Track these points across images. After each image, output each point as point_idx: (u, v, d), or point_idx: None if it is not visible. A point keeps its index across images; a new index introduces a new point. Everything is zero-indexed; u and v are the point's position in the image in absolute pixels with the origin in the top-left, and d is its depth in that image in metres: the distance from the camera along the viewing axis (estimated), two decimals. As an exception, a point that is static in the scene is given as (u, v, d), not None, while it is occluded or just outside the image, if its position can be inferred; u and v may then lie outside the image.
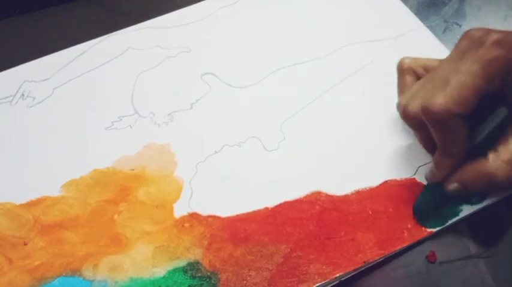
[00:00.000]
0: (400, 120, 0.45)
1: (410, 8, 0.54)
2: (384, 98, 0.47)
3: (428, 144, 0.41)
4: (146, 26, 0.54)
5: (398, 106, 0.41)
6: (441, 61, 0.40)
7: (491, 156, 0.37)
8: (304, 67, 0.50)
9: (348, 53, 0.51)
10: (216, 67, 0.50)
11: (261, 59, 0.51)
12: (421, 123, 0.39)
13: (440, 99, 0.36)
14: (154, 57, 0.51)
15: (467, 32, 0.38)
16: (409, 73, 0.42)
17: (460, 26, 0.53)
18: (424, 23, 0.52)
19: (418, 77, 0.42)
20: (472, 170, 0.38)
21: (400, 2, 0.54)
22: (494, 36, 0.36)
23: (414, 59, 0.43)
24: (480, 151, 0.38)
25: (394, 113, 0.46)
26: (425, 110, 0.37)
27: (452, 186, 0.39)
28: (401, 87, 0.43)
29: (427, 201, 0.41)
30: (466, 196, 0.40)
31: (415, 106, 0.38)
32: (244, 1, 0.55)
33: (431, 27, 0.52)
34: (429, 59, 0.43)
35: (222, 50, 0.52)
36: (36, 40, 0.54)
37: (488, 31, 0.37)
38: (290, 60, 0.50)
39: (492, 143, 0.38)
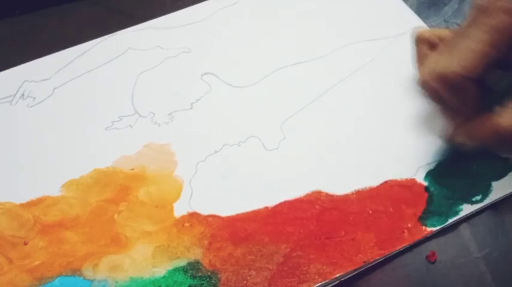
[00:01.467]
0: (401, 120, 0.45)
1: (411, 7, 0.54)
2: (385, 97, 0.47)
3: (448, 114, 0.42)
4: (146, 26, 0.54)
5: (416, 79, 0.42)
6: (455, 31, 0.41)
7: (497, 108, 0.39)
8: (305, 67, 0.50)
9: (348, 53, 0.51)
10: (216, 67, 0.50)
11: (261, 58, 0.51)
12: (438, 93, 0.40)
13: (454, 65, 0.38)
14: (155, 57, 0.51)
15: (475, 2, 0.39)
16: (425, 43, 0.44)
17: (460, 26, 0.53)
18: (424, 23, 0.52)
19: (433, 47, 0.43)
20: (478, 121, 0.39)
21: (401, 1, 0.54)
22: (502, 4, 0.37)
23: (429, 30, 0.44)
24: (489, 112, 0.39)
25: (395, 113, 0.46)
26: (436, 76, 0.39)
27: (460, 138, 0.41)
28: (418, 58, 0.44)
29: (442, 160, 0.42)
30: (473, 149, 0.41)
31: (427, 75, 0.40)
32: (245, 2, 0.55)
33: (431, 27, 0.52)
34: (443, 30, 0.44)
35: (222, 50, 0.52)
36: (36, 40, 0.54)
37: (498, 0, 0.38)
38: (290, 59, 0.50)
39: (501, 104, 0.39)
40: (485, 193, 0.41)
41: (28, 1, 0.56)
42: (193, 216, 0.41)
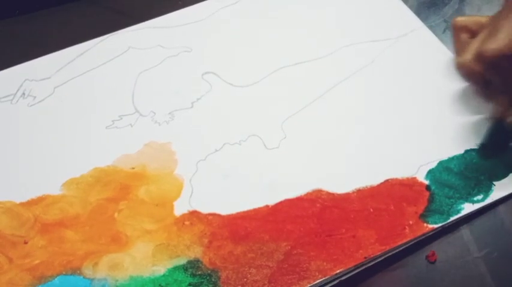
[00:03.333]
0: (401, 120, 0.45)
1: (411, 8, 0.54)
2: (385, 97, 0.47)
3: (487, 96, 0.43)
4: (147, 26, 0.54)
5: (457, 64, 0.43)
6: (493, 16, 0.42)
7: None
8: (306, 67, 0.50)
9: (349, 53, 0.51)
10: (217, 66, 0.50)
11: (261, 58, 0.51)
12: (482, 75, 0.41)
13: (493, 44, 0.39)
14: (156, 56, 0.51)
15: None
16: (463, 31, 0.44)
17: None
18: (424, 23, 0.52)
19: (472, 33, 0.44)
20: None
21: (401, 2, 0.54)
22: None
23: (467, 17, 0.45)
24: None
25: (396, 112, 0.46)
26: (480, 55, 0.40)
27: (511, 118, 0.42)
28: (457, 45, 0.45)
29: (492, 140, 0.43)
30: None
31: (471, 58, 0.41)
32: (245, 1, 0.55)
33: (431, 27, 0.52)
34: (481, 17, 0.45)
35: (223, 50, 0.52)
36: (36, 40, 0.54)
37: None
38: (291, 59, 0.51)
39: None
40: (487, 192, 0.42)
41: (28, 1, 0.56)
42: (194, 214, 0.41)
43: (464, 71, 0.42)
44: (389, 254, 0.39)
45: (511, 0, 0.40)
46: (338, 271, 0.38)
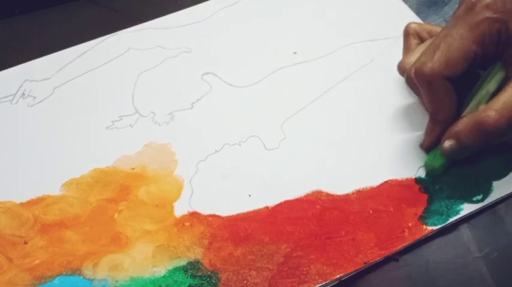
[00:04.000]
0: (401, 120, 0.45)
1: (410, 7, 0.54)
2: (385, 97, 0.47)
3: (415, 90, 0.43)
4: (147, 26, 0.54)
5: (398, 67, 0.44)
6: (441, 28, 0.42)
7: (481, 107, 0.39)
8: (305, 67, 0.50)
9: (349, 53, 0.51)
10: (217, 67, 0.50)
11: (261, 58, 0.51)
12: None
13: (430, 62, 0.38)
14: (156, 57, 0.51)
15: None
16: (414, 36, 0.45)
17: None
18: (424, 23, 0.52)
19: (422, 40, 0.44)
20: (463, 122, 0.39)
21: (401, 1, 0.54)
22: (486, 1, 0.38)
23: (420, 24, 0.45)
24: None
25: (395, 113, 0.46)
26: (417, 72, 0.39)
27: (447, 144, 0.40)
28: (406, 49, 0.45)
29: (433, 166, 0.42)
30: (462, 153, 0.41)
31: (410, 71, 0.41)
32: (245, 2, 0.55)
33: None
34: (434, 25, 0.45)
35: (223, 50, 0.52)
36: (36, 40, 0.54)
37: None
38: (291, 59, 0.51)
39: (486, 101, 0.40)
40: (486, 192, 0.42)
41: (28, 1, 0.56)
42: (194, 215, 0.41)
43: (408, 84, 0.42)
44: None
45: (460, 13, 0.39)
46: (338, 276, 0.38)
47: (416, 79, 0.40)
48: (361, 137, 0.45)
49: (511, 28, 0.38)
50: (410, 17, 0.53)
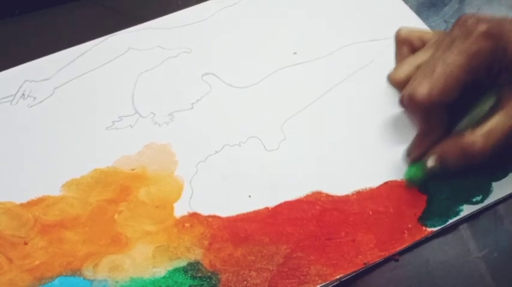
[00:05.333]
0: (401, 121, 0.45)
1: (411, 8, 0.54)
2: (385, 97, 0.47)
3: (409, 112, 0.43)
4: (147, 26, 0.54)
5: (389, 78, 0.43)
6: (434, 46, 0.41)
7: (468, 131, 0.39)
8: (305, 67, 0.50)
9: (349, 53, 0.51)
10: (217, 67, 0.50)
11: (261, 59, 0.51)
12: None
13: (424, 89, 0.38)
14: (155, 57, 0.51)
15: (460, 18, 0.39)
16: (406, 44, 0.44)
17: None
18: (424, 24, 0.52)
19: (414, 48, 0.44)
20: (449, 143, 0.39)
21: (401, 1, 0.54)
22: (483, 27, 0.37)
23: (411, 30, 0.45)
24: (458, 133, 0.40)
25: (395, 113, 0.46)
26: (410, 98, 0.39)
27: (431, 161, 0.40)
28: (397, 58, 0.45)
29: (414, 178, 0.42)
30: (445, 173, 0.41)
31: (404, 91, 0.40)
32: (245, 2, 0.55)
33: (431, 28, 0.52)
34: (425, 31, 0.45)
35: (223, 51, 0.52)
36: (36, 40, 0.54)
37: (479, 20, 0.38)
38: (291, 60, 0.51)
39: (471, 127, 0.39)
40: (486, 193, 0.42)
41: (28, 1, 0.56)
42: (194, 216, 0.41)
43: (397, 88, 0.42)
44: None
45: (453, 36, 0.39)
46: (338, 277, 0.38)
47: (410, 104, 0.39)
48: (361, 138, 0.45)
49: (508, 55, 0.37)
50: (410, 17, 0.53)
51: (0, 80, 0.50)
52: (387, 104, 0.47)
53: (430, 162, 0.40)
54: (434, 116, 0.40)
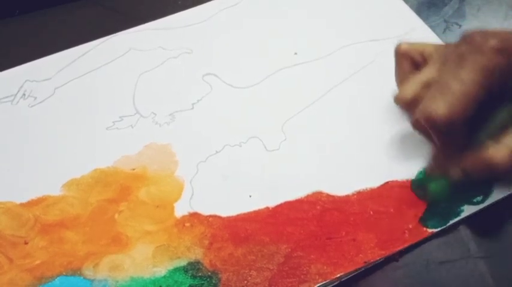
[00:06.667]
0: (402, 121, 0.45)
1: (411, 8, 0.54)
2: (386, 98, 0.47)
3: (424, 132, 0.42)
4: (148, 27, 0.54)
5: (396, 99, 0.42)
6: (439, 62, 0.40)
7: (491, 143, 0.38)
8: (306, 67, 0.50)
9: (349, 53, 0.51)
10: (218, 68, 0.50)
11: (262, 59, 0.51)
12: (429, 133, 0.39)
13: (442, 109, 0.37)
14: (156, 58, 0.51)
15: (466, 35, 0.38)
16: (406, 59, 0.43)
17: (460, 26, 0.53)
18: (424, 23, 0.52)
19: (414, 63, 0.43)
20: (472, 156, 0.39)
21: (401, 1, 0.54)
22: (494, 42, 0.37)
23: (411, 44, 0.44)
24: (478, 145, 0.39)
25: (396, 113, 0.46)
26: (428, 119, 0.37)
27: (454, 175, 0.39)
28: (399, 74, 0.44)
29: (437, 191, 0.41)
30: (469, 182, 0.40)
31: (418, 111, 0.39)
32: (246, 3, 0.56)
33: (431, 27, 0.52)
34: (426, 45, 0.43)
35: (224, 51, 0.52)
36: (36, 40, 0.54)
37: (487, 37, 0.37)
38: (291, 60, 0.51)
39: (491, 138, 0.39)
40: (486, 193, 0.41)
41: (28, 1, 0.56)
42: (194, 216, 0.41)
43: (416, 128, 0.41)
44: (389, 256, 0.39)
45: (464, 52, 0.38)
46: (338, 275, 0.38)
47: (427, 124, 0.38)
48: (361, 138, 0.45)
49: None
50: (410, 17, 0.53)
51: (1, 80, 0.50)
52: (387, 104, 0.47)
53: (454, 175, 0.39)
54: (454, 135, 0.39)
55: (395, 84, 0.44)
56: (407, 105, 0.41)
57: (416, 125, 0.40)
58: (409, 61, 0.43)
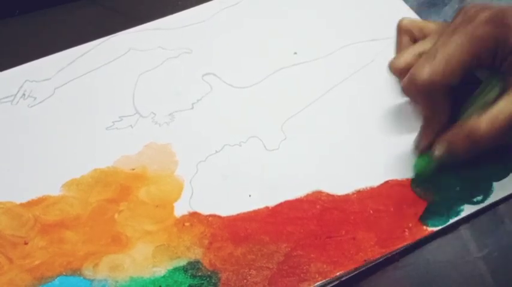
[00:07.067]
0: (401, 120, 0.45)
1: (411, 8, 0.54)
2: (385, 97, 0.47)
3: (414, 100, 0.44)
4: (148, 27, 0.54)
5: (389, 65, 0.45)
6: (437, 36, 0.42)
7: (473, 116, 0.39)
8: (305, 67, 0.50)
9: (349, 53, 0.51)
10: (217, 67, 0.50)
11: (262, 59, 0.51)
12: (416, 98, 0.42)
13: (426, 71, 0.39)
14: (156, 58, 0.51)
15: (463, 8, 0.40)
16: (407, 34, 0.45)
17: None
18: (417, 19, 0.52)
19: (414, 38, 0.45)
20: (454, 130, 0.40)
21: (401, 1, 0.54)
22: (486, 14, 0.38)
23: (412, 20, 0.46)
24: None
25: (396, 113, 0.46)
26: (412, 81, 0.39)
27: (438, 150, 0.40)
28: (398, 47, 0.46)
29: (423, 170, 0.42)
30: (452, 160, 0.41)
31: (406, 81, 0.41)
32: (245, 3, 0.56)
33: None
34: (427, 22, 0.46)
35: (223, 51, 0.52)
36: (36, 40, 0.54)
37: (482, 8, 0.39)
38: (291, 60, 0.51)
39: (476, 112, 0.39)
40: (486, 193, 0.42)
41: (28, 1, 0.56)
42: (194, 216, 0.41)
43: (405, 93, 0.42)
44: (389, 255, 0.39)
45: (458, 23, 0.39)
46: (338, 274, 0.38)
47: (412, 87, 0.40)
48: (361, 138, 0.45)
49: (510, 43, 0.38)
50: (410, 16, 0.53)
51: (1, 80, 0.50)
52: (387, 104, 0.47)
53: (438, 150, 0.40)
54: (437, 101, 0.40)
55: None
56: (401, 73, 0.43)
57: (406, 91, 0.41)
58: (409, 36, 0.44)
